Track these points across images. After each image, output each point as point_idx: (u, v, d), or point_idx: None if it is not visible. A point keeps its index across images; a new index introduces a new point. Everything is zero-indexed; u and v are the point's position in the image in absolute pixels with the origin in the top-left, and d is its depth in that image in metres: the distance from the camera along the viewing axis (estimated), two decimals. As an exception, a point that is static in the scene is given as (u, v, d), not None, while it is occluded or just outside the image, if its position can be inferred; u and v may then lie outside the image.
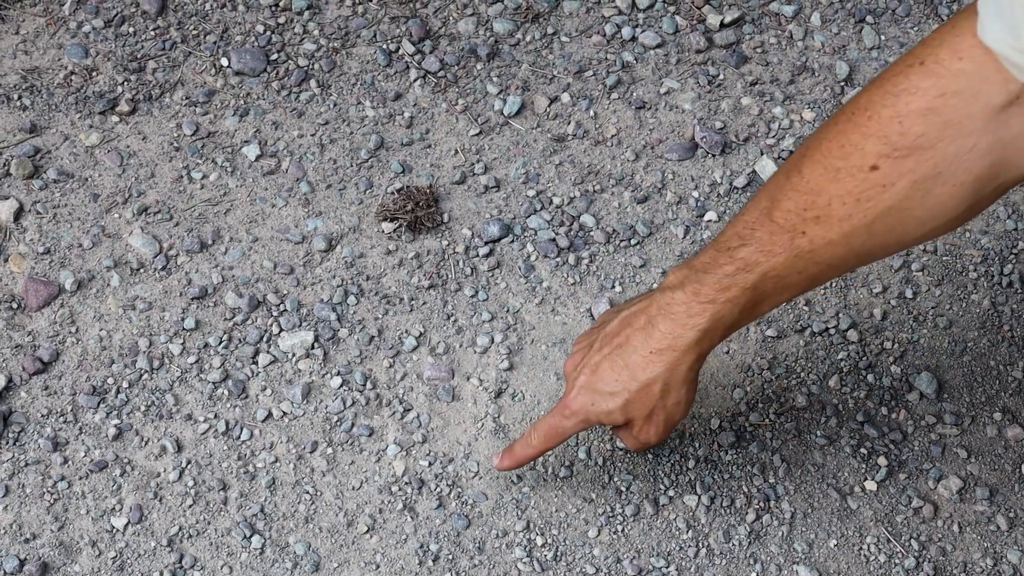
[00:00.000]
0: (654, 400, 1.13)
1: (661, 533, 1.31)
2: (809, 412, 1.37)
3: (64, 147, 1.49)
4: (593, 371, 1.14)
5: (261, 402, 1.35)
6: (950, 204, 0.93)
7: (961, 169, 0.90)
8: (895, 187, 0.92)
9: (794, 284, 1.03)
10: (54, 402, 1.34)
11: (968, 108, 0.88)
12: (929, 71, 0.88)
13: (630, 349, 1.11)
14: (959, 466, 1.35)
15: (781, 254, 1.00)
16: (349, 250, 1.44)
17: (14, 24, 1.56)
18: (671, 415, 1.15)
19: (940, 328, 1.42)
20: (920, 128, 0.89)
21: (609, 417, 1.15)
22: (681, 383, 1.12)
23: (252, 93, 1.53)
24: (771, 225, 1.00)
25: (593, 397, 1.14)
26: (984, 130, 0.88)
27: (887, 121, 0.90)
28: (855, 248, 0.98)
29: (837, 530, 1.32)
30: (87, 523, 1.29)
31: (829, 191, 0.95)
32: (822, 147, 0.96)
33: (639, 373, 1.11)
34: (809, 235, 0.98)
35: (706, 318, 1.06)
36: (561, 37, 1.58)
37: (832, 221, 0.96)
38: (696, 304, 1.06)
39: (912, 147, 0.90)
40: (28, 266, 1.41)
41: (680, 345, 1.09)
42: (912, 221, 0.95)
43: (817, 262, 1.00)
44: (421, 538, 1.30)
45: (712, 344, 1.10)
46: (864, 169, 0.93)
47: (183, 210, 1.45)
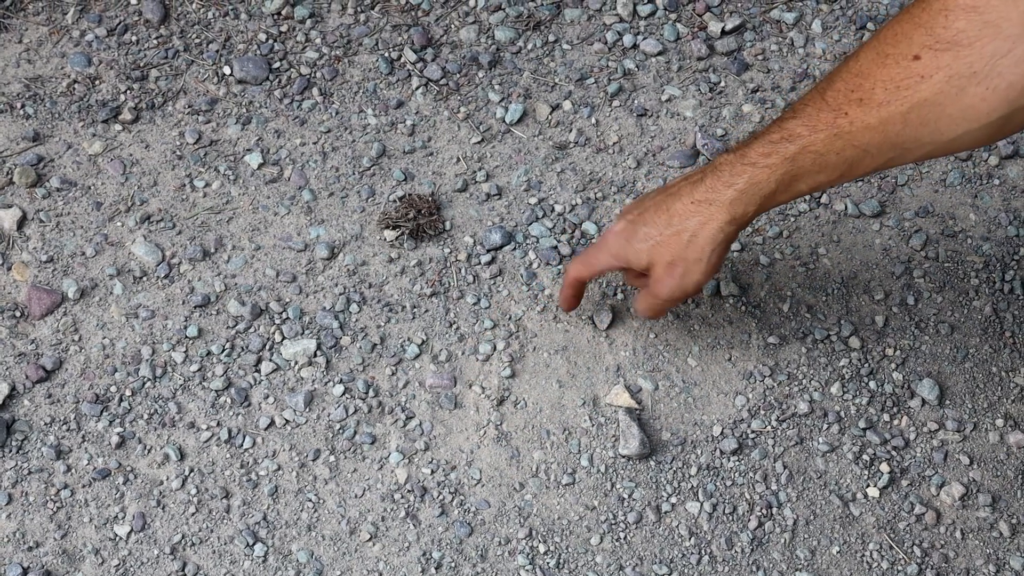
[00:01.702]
0: (680, 248, 1.16)
1: (663, 540, 1.31)
2: (811, 419, 1.37)
3: (67, 155, 1.49)
4: (640, 212, 1.19)
5: (264, 410, 1.35)
6: (982, 108, 0.96)
7: (995, 72, 0.94)
8: (932, 79, 0.96)
9: (831, 165, 1.06)
10: (57, 410, 1.34)
11: (1007, 11, 0.91)
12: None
13: (676, 197, 1.16)
14: (961, 472, 1.35)
15: (823, 131, 1.04)
16: (351, 258, 1.44)
17: (17, 33, 1.57)
18: (688, 272, 1.17)
19: (942, 334, 1.42)
20: (962, 24, 0.93)
21: (637, 257, 1.19)
22: (708, 242, 1.15)
23: (254, 101, 1.54)
24: (820, 102, 1.04)
25: (632, 234, 1.19)
26: (1021, 36, 0.91)
27: (935, 13, 0.95)
28: (890, 136, 1.01)
29: (839, 537, 1.32)
30: (90, 531, 1.29)
31: (875, 75, 1.00)
32: (880, 35, 1.00)
33: (675, 219, 1.15)
34: (850, 116, 1.02)
35: (744, 179, 1.10)
36: (562, 45, 1.59)
37: (872, 105, 1.00)
38: (739, 165, 1.11)
39: (952, 41, 0.94)
40: (31, 274, 1.41)
41: (717, 200, 1.13)
42: (945, 118, 0.98)
43: (855, 145, 1.04)
44: (424, 546, 1.30)
45: (746, 211, 1.12)
46: (908, 57, 0.97)
47: (186, 218, 1.46)
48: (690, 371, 1.39)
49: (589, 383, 1.38)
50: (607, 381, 1.38)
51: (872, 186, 1.49)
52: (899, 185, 1.50)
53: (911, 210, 1.48)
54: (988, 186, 1.50)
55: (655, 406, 1.37)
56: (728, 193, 1.12)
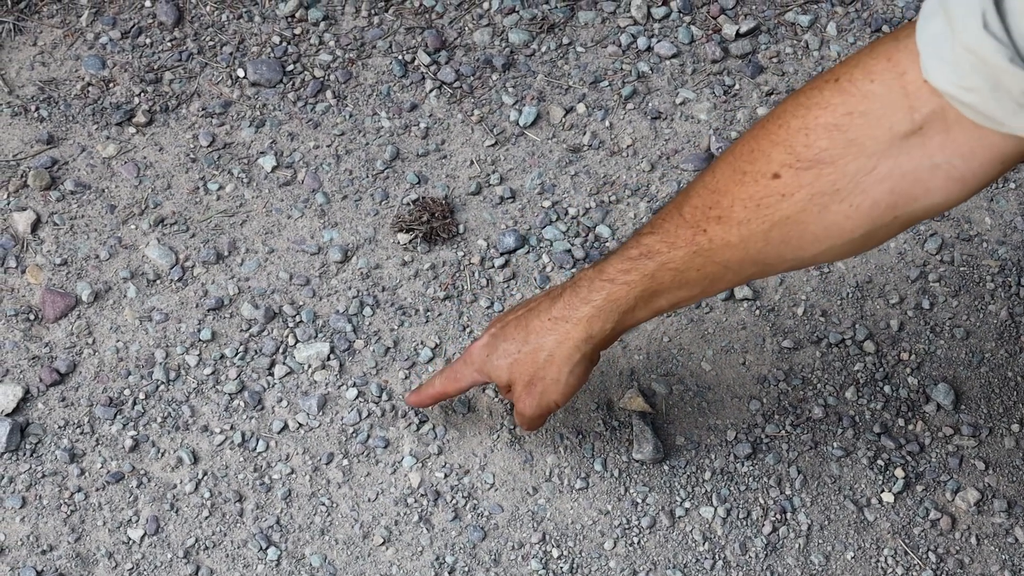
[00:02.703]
0: (537, 367, 1.14)
1: (677, 545, 1.30)
2: (826, 424, 1.37)
3: (81, 158, 1.49)
4: (502, 326, 1.17)
5: (277, 413, 1.35)
6: (846, 225, 0.93)
7: (858, 189, 0.91)
8: (793, 197, 0.93)
9: (692, 281, 1.04)
10: (71, 413, 1.35)
11: (872, 130, 0.88)
12: (842, 88, 0.89)
13: (535, 313, 1.14)
14: (977, 478, 1.35)
15: (682, 248, 1.02)
16: (365, 261, 1.44)
17: (32, 35, 1.57)
18: (547, 391, 1.15)
19: (957, 339, 1.41)
20: (824, 143, 0.90)
21: (497, 373, 1.17)
22: (565, 360, 1.13)
23: (268, 104, 1.54)
24: (679, 218, 1.02)
25: (493, 349, 1.17)
26: (885, 154, 0.89)
27: (794, 132, 0.92)
28: (751, 254, 0.99)
29: (854, 542, 1.31)
30: (104, 535, 1.29)
31: (733, 193, 0.97)
32: (736, 150, 0.97)
33: (532, 336, 1.13)
34: (710, 233, 0.99)
35: (602, 296, 1.08)
36: (576, 47, 1.58)
37: (732, 223, 0.97)
38: (597, 281, 1.08)
39: (814, 160, 0.91)
40: (45, 277, 1.42)
41: (573, 317, 1.10)
42: (808, 236, 0.95)
43: (715, 261, 1.01)
44: (437, 550, 1.30)
45: (603, 328, 1.10)
46: (767, 175, 0.94)
47: (199, 221, 1.46)
48: (704, 375, 1.38)
49: (603, 387, 1.37)
50: (621, 385, 1.37)
51: (887, 190, 1.49)
52: (914, 189, 1.49)
53: (926, 214, 1.48)
54: (1004, 190, 1.49)
55: (669, 410, 1.37)
56: (585, 310, 1.09)
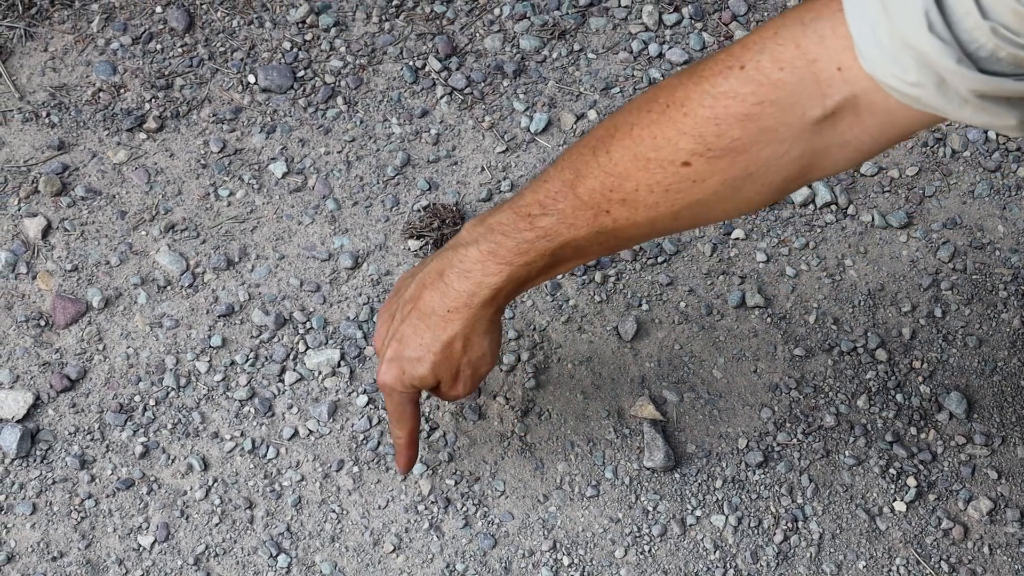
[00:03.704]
0: (458, 357, 1.13)
1: (688, 554, 1.30)
2: (837, 432, 1.36)
3: (92, 164, 1.49)
4: (399, 341, 1.14)
5: (287, 420, 1.35)
6: (755, 199, 0.95)
7: (771, 171, 0.92)
8: (706, 183, 0.93)
9: (593, 251, 1.05)
10: (81, 420, 1.35)
11: (784, 117, 0.88)
12: (749, 77, 0.88)
13: (427, 311, 1.11)
14: (989, 487, 1.34)
15: (584, 228, 1.01)
16: (375, 267, 1.44)
17: (43, 41, 1.57)
18: (477, 368, 1.15)
19: (970, 347, 1.41)
20: (736, 132, 0.90)
21: (423, 382, 1.15)
22: (483, 335, 1.12)
23: (279, 110, 1.54)
24: (575, 200, 1.00)
25: (402, 366, 1.14)
26: (797, 138, 0.89)
27: (704, 121, 0.91)
28: (658, 229, 1.00)
29: (866, 551, 1.31)
30: (114, 541, 1.29)
31: (637, 178, 0.96)
32: (633, 133, 0.95)
33: (439, 333, 1.11)
34: (614, 215, 0.99)
35: (502, 277, 1.07)
36: (588, 54, 1.58)
37: (639, 206, 0.97)
38: (492, 263, 1.07)
39: (727, 149, 0.91)
40: (56, 283, 1.42)
41: (475, 302, 1.09)
42: (717, 211, 0.97)
43: (619, 237, 1.02)
44: (447, 557, 1.29)
45: (508, 297, 1.10)
46: (676, 164, 0.93)
47: (210, 227, 1.46)
48: (715, 383, 1.38)
49: (614, 394, 1.37)
50: (632, 392, 1.37)
51: (899, 197, 1.49)
52: (927, 196, 1.49)
53: (939, 222, 1.47)
54: (1017, 198, 1.49)
55: (680, 418, 1.36)
56: (486, 292, 1.08)
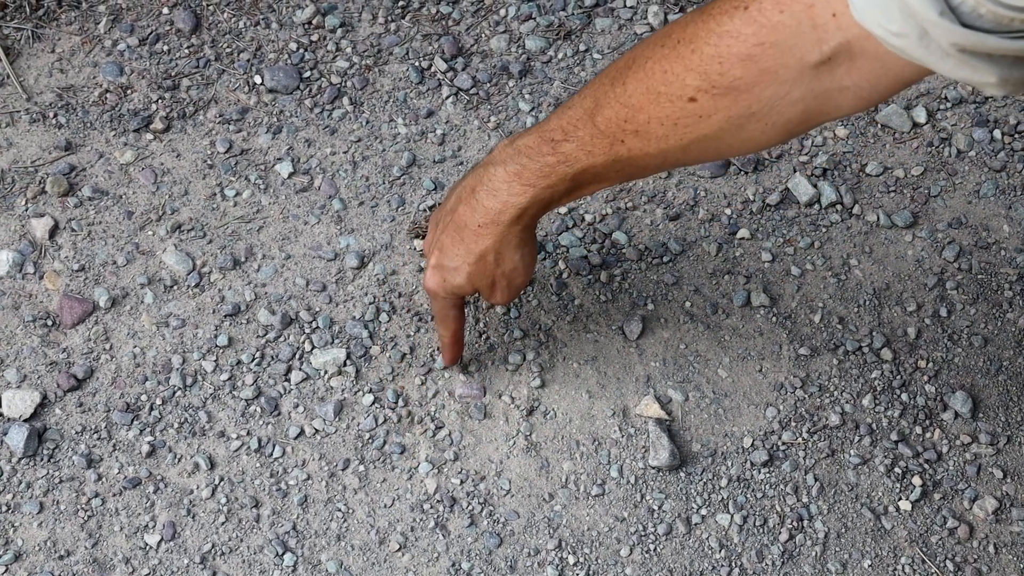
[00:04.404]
0: (491, 269, 1.19)
1: (693, 552, 1.30)
2: (842, 431, 1.36)
3: (99, 165, 1.50)
4: (440, 249, 1.20)
5: (293, 419, 1.35)
6: (761, 139, 0.98)
7: (774, 112, 0.95)
8: (711, 119, 0.97)
9: (612, 178, 1.10)
10: (88, 419, 1.35)
11: (784, 59, 0.91)
12: (751, 18, 0.91)
13: (462, 224, 1.16)
14: (995, 486, 1.34)
15: (601, 155, 1.06)
16: (381, 267, 1.44)
17: (50, 42, 1.58)
18: (512, 279, 1.21)
19: (975, 347, 1.41)
20: (738, 71, 0.93)
21: (461, 290, 1.21)
22: (514, 249, 1.17)
23: (285, 110, 1.54)
24: (593, 128, 1.05)
25: (443, 274, 1.21)
26: (797, 81, 0.92)
27: (708, 59, 0.94)
28: (670, 160, 1.04)
29: (871, 551, 1.31)
30: (121, 540, 1.29)
31: (649, 111, 1.00)
32: (647, 67, 0.99)
33: (472, 246, 1.17)
34: (628, 144, 1.03)
35: (526, 198, 1.12)
36: (593, 54, 1.58)
37: (650, 137, 1.01)
38: (517, 184, 1.11)
39: (729, 87, 0.94)
40: (63, 283, 1.42)
41: (503, 219, 1.14)
42: (725, 147, 1.00)
43: (635, 165, 1.06)
44: (453, 556, 1.29)
45: (535, 216, 1.15)
46: (683, 99, 0.97)
47: (216, 227, 1.46)
48: (720, 382, 1.38)
49: (619, 394, 1.37)
50: (637, 392, 1.37)
51: (905, 197, 1.49)
52: (932, 196, 1.49)
53: (944, 221, 1.47)
54: (1022, 197, 1.49)
55: (685, 417, 1.36)
56: (512, 211, 1.13)
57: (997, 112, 1.54)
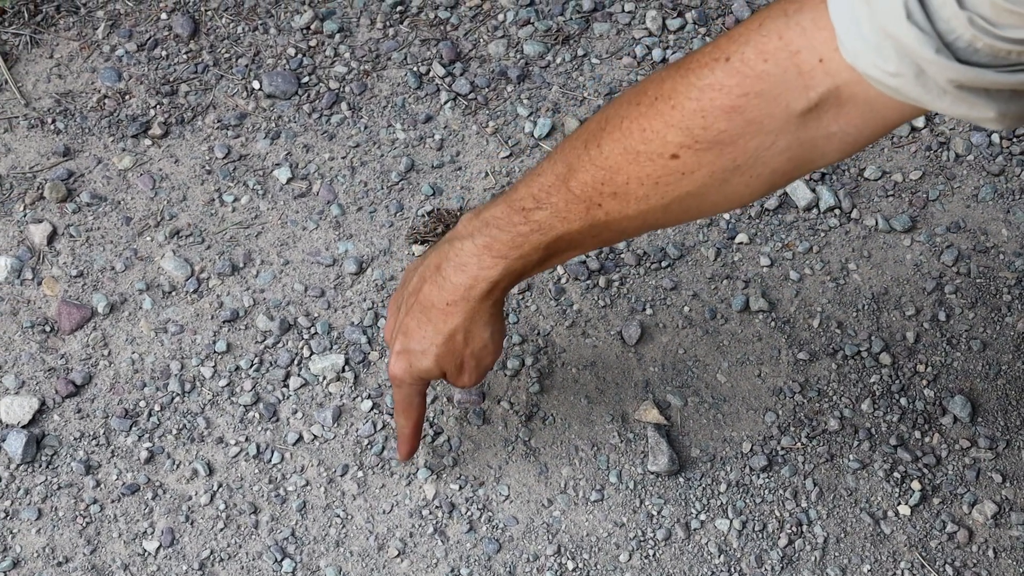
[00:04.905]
0: (460, 348, 1.15)
1: (693, 558, 1.30)
2: (841, 436, 1.36)
3: (97, 170, 1.50)
4: (405, 333, 1.16)
5: (292, 425, 1.35)
6: (745, 192, 0.95)
7: (759, 163, 0.92)
8: (694, 175, 0.94)
9: (587, 244, 1.06)
10: (86, 425, 1.35)
11: (769, 109, 0.89)
12: (734, 69, 0.89)
13: (428, 304, 1.13)
14: (994, 491, 1.34)
15: (577, 221, 1.02)
16: (380, 273, 1.44)
17: (48, 48, 1.58)
18: (480, 359, 1.17)
19: (974, 351, 1.41)
20: (723, 124, 0.91)
21: (428, 374, 1.17)
22: (484, 327, 1.14)
23: (283, 116, 1.54)
24: (568, 194, 1.01)
25: (409, 359, 1.16)
26: (783, 130, 0.90)
27: (691, 114, 0.91)
28: (649, 222, 1.01)
29: (871, 555, 1.31)
30: (119, 546, 1.29)
31: (627, 171, 0.97)
32: (623, 126, 0.96)
33: (441, 326, 1.13)
34: (606, 208, 1.00)
35: (498, 271, 1.08)
36: (591, 59, 1.58)
37: (630, 199, 0.98)
38: (488, 257, 1.08)
39: (714, 141, 0.92)
40: (61, 289, 1.42)
41: (473, 295, 1.10)
42: (707, 204, 0.98)
43: (612, 230, 1.03)
44: (452, 562, 1.29)
45: (506, 290, 1.12)
46: (665, 156, 0.94)
47: (215, 233, 1.46)
48: (719, 387, 1.38)
49: (618, 399, 1.37)
50: (636, 397, 1.37)
51: (903, 201, 1.49)
52: (930, 200, 1.49)
53: (942, 225, 1.47)
54: (1021, 201, 1.49)
55: (684, 422, 1.36)
56: (483, 286, 1.09)
57: (995, 116, 1.54)
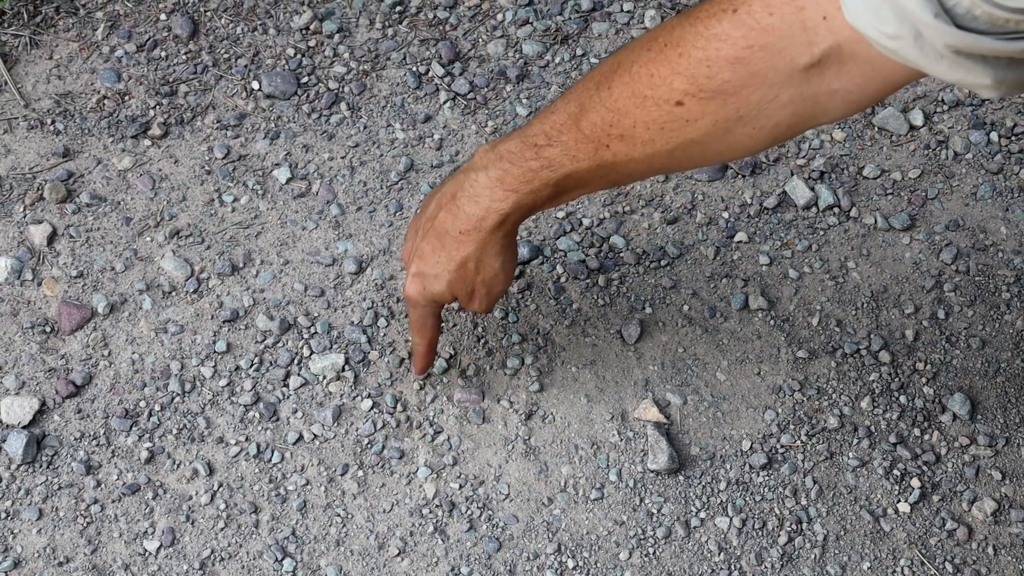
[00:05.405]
0: (472, 276, 1.18)
1: (693, 556, 1.30)
2: (841, 434, 1.36)
3: (97, 171, 1.50)
4: (420, 257, 1.19)
5: (292, 425, 1.36)
6: (748, 143, 0.97)
7: (762, 115, 0.94)
8: (698, 123, 0.96)
9: (596, 184, 1.09)
10: (87, 425, 1.35)
11: (773, 62, 0.90)
12: (740, 21, 0.90)
13: (443, 230, 1.15)
14: (993, 488, 1.34)
15: (585, 161, 1.04)
16: (379, 272, 1.44)
17: (48, 49, 1.58)
18: (492, 287, 1.20)
19: (973, 349, 1.41)
20: (727, 75, 0.92)
21: (441, 297, 1.20)
22: (495, 256, 1.16)
23: (283, 116, 1.54)
24: (578, 133, 1.03)
25: (423, 282, 1.20)
26: (786, 84, 0.91)
27: (696, 63, 0.93)
28: (655, 166, 1.03)
29: (870, 553, 1.31)
30: (120, 546, 1.29)
31: (634, 115, 0.98)
32: (632, 70, 0.98)
33: (453, 253, 1.16)
34: (613, 149, 1.02)
35: (509, 204, 1.11)
36: (590, 58, 1.59)
37: (636, 142, 1.00)
38: (500, 190, 1.10)
39: (718, 91, 0.93)
40: (61, 290, 1.42)
41: (485, 226, 1.13)
42: (711, 153, 0.99)
43: (619, 171, 1.05)
44: (452, 561, 1.29)
45: (517, 222, 1.14)
46: (670, 102, 0.96)
47: (214, 233, 1.46)
48: (719, 385, 1.38)
49: (617, 397, 1.37)
50: (635, 395, 1.37)
51: (902, 200, 1.49)
52: (929, 199, 1.49)
53: (941, 223, 1.47)
54: (1020, 199, 1.49)
55: (684, 420, 1.37)
56: (494, 218, 1.12)
57: (994, 115, 1.55)
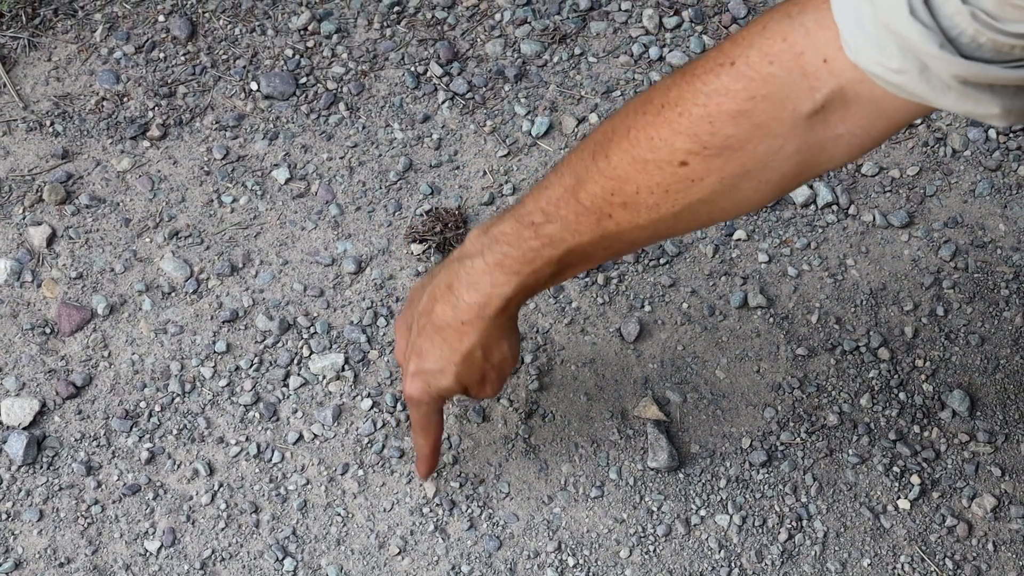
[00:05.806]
0: (480, 364, 1.14)
1: (693, 553, 1.30)
2: (841, 431, 1.36)
3: (96, 172, 1.50)
4: (419, 355, 1.14)
5: (292, 424, 1.36)
6: (755, 198, 0.95)
7: (768, 168, 0.92)
8: (704, 182, 0.94)
9: (598, 256, 1.06)
10: (87, 426, 1.35)
11: (777, 112, 0.89)
12: (740, 73, 0.89)
13: (442, 324, 1.11)
14: (993, 484, 1.34)
15: (588, 233, 1.02)
16: (379, 272, 1.44)
17: (46, 51, 1.58)
18: (502, 370, 1.16)
19: (972, 345, 1.41)
20: (730, 129, 0.90)
21: (448, 392, 1.16)
22: (500, 340, 1.13)
23: (281, 117, 1.54)
24: (577, 206, 1.01)
25: (426, 379, 1.15)
26: (791, 134, 0.90)
27: (698, 120, 0.91)
28: (660, 231, 1.00)
29: (870, 549, 1.31)
30: (121, 547, 1.30)
31: (637, 180, 0.96)
32: (630, 135, 0.96)
33: (456, 345, 1.12)
34: (616, 219, 0.99)
35: (511, 287, 1.07)
36: (588, 57, 1.59)
37: (640, 208, 0.98)
38: (500, 274, 1.07)
39: (722, 147, 0.91)
40: (61, 291, 1.42)
41: (487, 313, 1.09)
42: (717, 210, 0.97)
43: (623, 240, 1.02)
44: (452, 560, 1.30)
45: (519, 304, 1.11)
46: (673, 164, 0.94)
47: (214, 234, 1.46)
48: (718, 383, 1.38)
49: (617, 396, 1.37)
50: (635, 393, 1.37)
51: (900, 197, 1.49)
52: (928, 196, 1.49)
53: (940, 221, 1.47)
54: (1018, 196, 1.49)
55: (684, 418, 1.37)
56: (496, 303, 1.08)
57: (992, 111, 1.55)
